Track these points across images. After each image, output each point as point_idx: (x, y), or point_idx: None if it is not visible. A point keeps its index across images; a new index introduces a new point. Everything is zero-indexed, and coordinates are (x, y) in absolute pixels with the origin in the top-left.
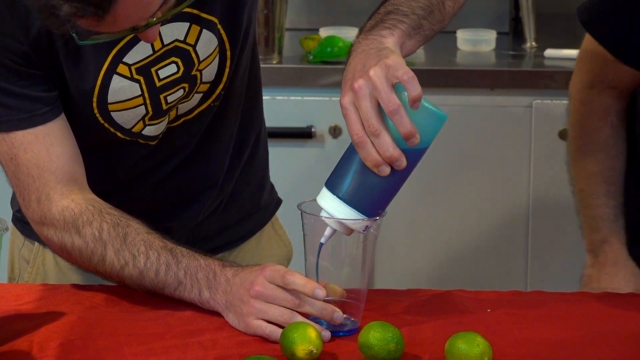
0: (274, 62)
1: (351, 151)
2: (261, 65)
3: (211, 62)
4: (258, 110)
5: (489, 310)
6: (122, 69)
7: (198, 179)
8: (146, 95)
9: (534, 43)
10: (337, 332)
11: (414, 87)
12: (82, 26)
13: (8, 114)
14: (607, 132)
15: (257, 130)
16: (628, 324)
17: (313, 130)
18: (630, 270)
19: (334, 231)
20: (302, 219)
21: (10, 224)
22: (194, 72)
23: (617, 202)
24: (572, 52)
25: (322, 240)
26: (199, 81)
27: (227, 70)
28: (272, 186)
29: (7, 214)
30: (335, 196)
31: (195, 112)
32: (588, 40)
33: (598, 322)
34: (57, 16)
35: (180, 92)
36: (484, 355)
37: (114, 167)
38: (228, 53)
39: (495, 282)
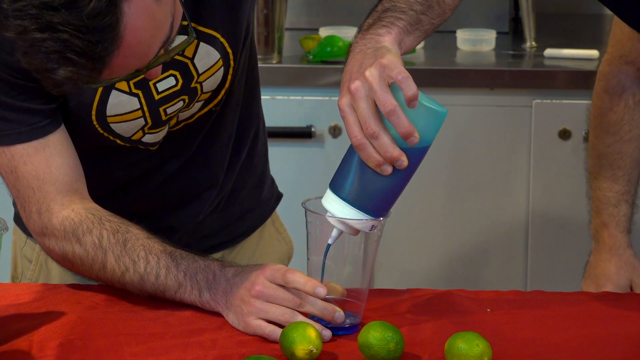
0: (274, 61)
1: (352, 151)
2: (261, 65)
3: (213, 73)
4: (256, 106)
5: (489, 310)
6: (120, 83)
7: (198, 180)
8: (145, 108)
9: (533, 43)
10: (337, 331)
11: (409, 87)
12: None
13: (9, 127)
14: (619, 113)
15: (255, 126)
16: (628, 324)
17: (313, 130)
18: (624, 258)
19: (341, 232)
20: (305, 217)
21: (12, 223)
22: (193, 85)
23: (621, 188)
24: (572, 52)
25: (330, 241)
26: (199, 92)
27: (229, 77)
28: (272, 181)
29: (8, 213)
30: (339, 198)
31: (196, 116)
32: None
33: (598, 322)
34: (53, 79)
35: (180, 104)
36: (483, 355)
37: (113, 171)
38: (231, 63)
39: (495, 282)
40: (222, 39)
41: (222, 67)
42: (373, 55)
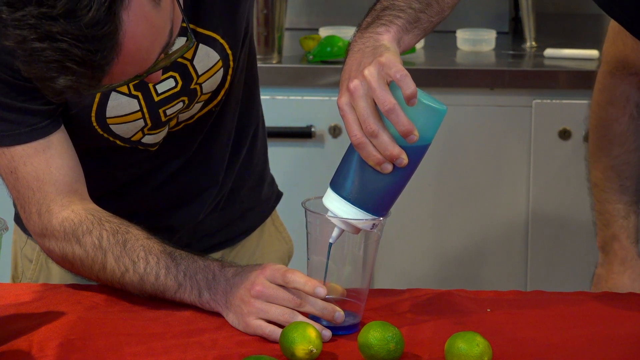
0: (274, 61)
1: (352, 150)
2: (261, 65)
3: (213, 74)
4: (255, 105)
5: (489, 310)
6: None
7: (198, 179)
8: (145, 110)
9: (533, 43)
10: (337, 331)
11: (407, 85)
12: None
13: (9, 128)
14: (625, 124)
15: (254, 125)
16: (628, 324)
17: (313, 130)
18: (637, 270)
19: (342, 231)
20: (305, 217)
21: (12, 223)
22: (193, 86)
23: (630, 199)
24: (572, 52)
25: (331, 240)
26: (199, 93)
27: (229, 78)
28: (272, 179)
29: (8, 213)
30: (340, 197)
31: (196, 117)
32: (613, 23)
33: (598, 322)
34: (53, 87)
35: (180, 105)
36: (483, 355)
37: (113, 171)
38: (231, 64)
39: (495, 282)
40: (221, 40)
41: (222, 68)
42: (372, 54)
